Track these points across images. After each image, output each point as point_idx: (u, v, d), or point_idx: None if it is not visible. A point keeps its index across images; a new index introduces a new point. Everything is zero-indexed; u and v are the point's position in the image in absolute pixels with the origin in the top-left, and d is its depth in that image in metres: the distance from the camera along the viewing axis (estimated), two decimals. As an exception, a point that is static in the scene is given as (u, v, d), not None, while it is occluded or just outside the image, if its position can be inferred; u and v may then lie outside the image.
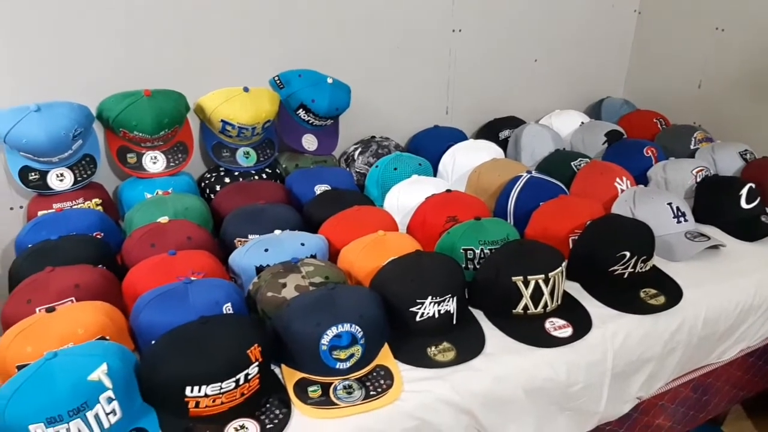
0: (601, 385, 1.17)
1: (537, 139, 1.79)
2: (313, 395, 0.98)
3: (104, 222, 1.35)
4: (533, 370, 1.09)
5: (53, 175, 1.40)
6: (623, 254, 1.22)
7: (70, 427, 0.84)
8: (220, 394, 0.90)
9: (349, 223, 1.33)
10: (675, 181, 1.59)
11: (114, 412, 0.88)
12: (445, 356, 1.07)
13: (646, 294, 1.24)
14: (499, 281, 1.14)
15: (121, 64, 1.47)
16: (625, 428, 1.31)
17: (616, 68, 2.28)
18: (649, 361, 1.22)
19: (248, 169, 1.61)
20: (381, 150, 1.75)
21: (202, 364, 0.90)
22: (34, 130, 1.32)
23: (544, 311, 1.16)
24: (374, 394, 0.98)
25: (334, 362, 1.00)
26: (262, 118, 1.56)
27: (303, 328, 0.99)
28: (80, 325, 0.98)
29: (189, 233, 1.26)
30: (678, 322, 1.23)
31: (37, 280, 1.10)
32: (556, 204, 1.38)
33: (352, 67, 1.75)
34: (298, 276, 1.11)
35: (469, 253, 1.24)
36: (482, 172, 1.60)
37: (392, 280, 1.12)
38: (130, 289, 1.12)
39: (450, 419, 1.02)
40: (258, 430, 0.91)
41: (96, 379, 0.87)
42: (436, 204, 1.41)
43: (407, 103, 1.91)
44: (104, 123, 1.47)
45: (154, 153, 1.50)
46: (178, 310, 1.00)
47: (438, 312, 1.09)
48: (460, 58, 1.93)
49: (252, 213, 1.35)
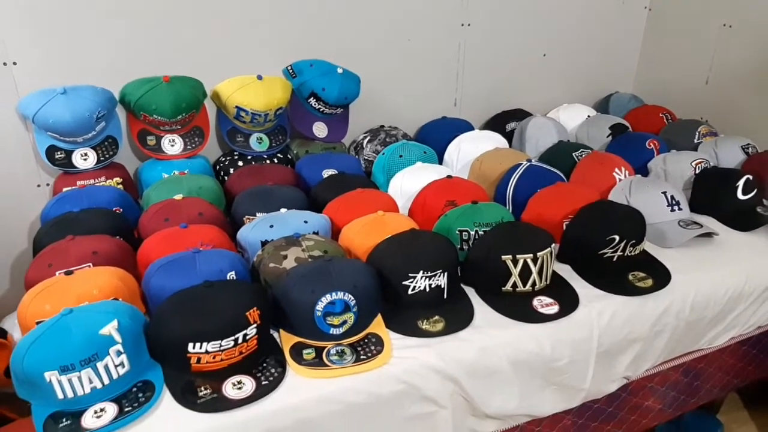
0: (587, 362, 1.21)
1: (542, 131, 1.84)
2: (307, 357, 1.05)
3: (123, 198, 1.44)
4: (519, 343, 1.14)
5: (78, 155, 1.50)
6: (612, 237, 1.26)
7: (81, 375, 0.92)
8: (219, 352, 0.98)
9: (351, 204, 1.40)
10: (674, 173, 1.62)
11: (122, 364, 0.96)
12: (434, 327, 1.13)
13: (635, 277, 1.28)
14: (489, 259, 1.20)
15: (142, 52, 1.56)
16: (613, 407, 1.35)
17: (625, 64, 2.30)
18: (636, 341, 1.26)
19: (261, 153, 1.69)
20: (389, 139, 1.82)
21: (204, 322, 0.97)
22: (60, 111, 1.42)
23: (533, 289, 1.21)
24: (364, 358, 1.05)
25: (327, 327, 1.07)
26: (275, 105, 1.63)
27: (299, 296, 1.06)
28: (95, 286, 1.06)
29: (201, 209, 1.34)
30: (665, 305, 1.26)
31: (58, 246, 1.19)
32: (552, 191, 1.43)
33: (363, 59, 1.81)
34: (299, 249, 1.18)
35: (464, 234, 1.30)
36: (484, 160, 1.65)
37: (387, 255, 1.18)
38: (143, 258, 1.20)
39: (436, 385, 1.07)
40: (254, 385, 0.98)
41: (107, 333, 0.95)
42: (436, 188, 1.46)
43: (416, 94, 1.97)
44: (126, 107, 1.56)
45: (173, 136, 1.59)
46: (185, 275, 1.08)
47: (429, 286, 1.15)
48: (469, 51, 1.98)
49: (261, 193, 1.43)
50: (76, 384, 0.92)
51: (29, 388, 0.93)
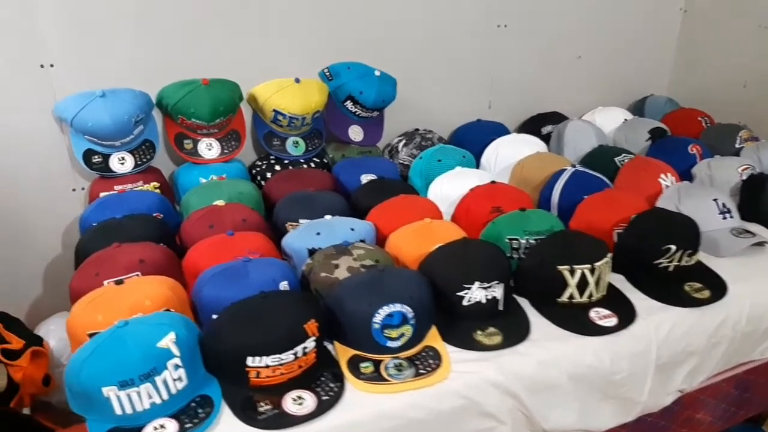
0: (645, 375, 1.18)
1: (580, 135, 1.81)
2: (365, 371, 1.02)
3: (163, 204, 1.42)
4: (577, 356, 1.11)
5: (115, 159, 1.47)
6: (669, 247, 1.23)
7: (140, 391, 0.89)
8: (279, 365, 0.95)
9: (396, 211, 1.37)
10: (720, 179, 1.58)
11: (180, 378, 0.93)
12: (491, 340, 1.10)
13: (691, 288, 1.25)
14: (545, 270, 1.17)
15: (179, 55, 1.53)
16: (666, 420, 1.32)
17: (660, 66, 2.27)
18: (693, 354, 1.23)
19: (297, 157, 1.66)
20: (425, 142, 1.79)
21: (263, 335, 0.94)
22: (99, 114, 1.39)
23: (589, 301, 1.18)
24: (423, 372, 1.02)
25: (385, 340, 1.04)
26: (312, 109, 1.61)
27: (356, 307, 1.04)
28: (147, 297, 1.03)
29: (244, 216, 1.31)
30: (722, 317, 1.23)
31: (104, 254, 1.16)
32: (601, 197, 1.40)
33: (397, 61, 1.78)
34: (350, 258, 1.15)
35: (514, 243, 1.27)
36: (526, 165, 1.62)
37: (440, 265, 1.15)
38: (190, 266, 1.18)
39: (496, 400, 1.05)
40: (315, 401, 0.95)
41: (165, 346, 0.92)
42: (481, 194, 1.43)
43: (450, 97, 1.94)
44: (163, 110, 1.53)
45: (210, 140, 1.56)
46: (238, 285, 1.05)
47: (485, 297, 1.12)
48: (504, 53, 1.95)
49: (303, 199, 1.40)
50: (135, 399, 0.89)
51: (85, 402, 0.91)
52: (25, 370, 1.39)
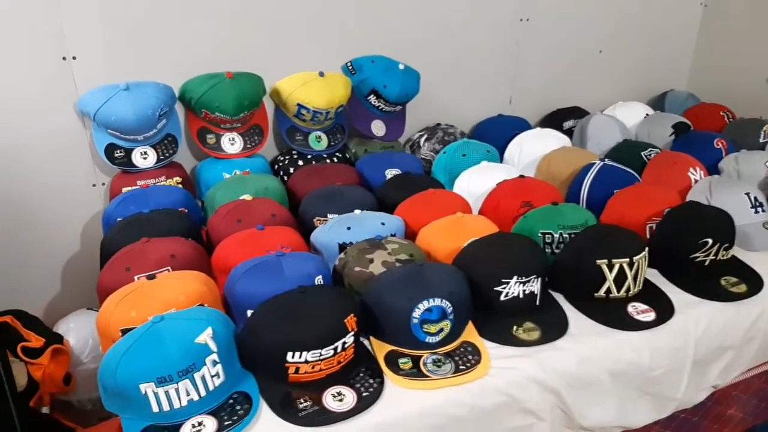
0: (682, 371, 1.16)
1: (604, 130, 1.79)
2: (404, 367, 1.00)
3: (188, 199, 1.40)
4: (618, 352, 1.09)
5: (137, 153, 1.45)
6: (705, 241, 1.21)
7: (179, 387, 0.87)
8: (319, 361, 0.93)
9: (425, 205, 1.35)
10: (748, 173, 1.56)
11: (218, 375, 0.91)
12: (530, 335, 1.08)
13: (727, 282, 1.23)
14: (582, 264, 1.15)
15: (203, 48, 1.51)
16: (698, 417, 1.30)
17: (681, 61, 2.25)
18: (729, 349, 1.21)
19: (320, 152, 1.64)
20: (447, 137, 1.77)
21: (303, 330, 0.92)
22: (123, 108, 1.37)
23: (627, 295, 1.16)
24: (464, 368, 1.00)
25: (424, 336, 1.02)
26: (336, 103, 1.59)
27: (395, 302, 1.02)
28: (181, 292, 1.01)
29: (273, 210, 1.29)
30: (758, 311, 1.21)
31: (134, 249, 1.14)
32: (632, 191, 1.38)
33: (418, 55, 1.76)
34: (384, 252, 1.13)
35: (547, 237, 1.25)
36: (552, 160, 1.60)
37: (477, 259, 1.13)
38: (220, 262, 1.16)
39: (537, 396, 1.03)
40: (355, 397, 0.93)
41: (203, 342, 0.90)
42: (510, 189, 1.41)
43: (471, 92, 1.92)
44: (186, 104, 1.51)
45: (232, 134, 1.54)
46: (273, 280, 1.03)
47: (523, 292, 1.10)
48: (526, 48, 1.93)
49: (330, 194, 1.38)
50: (173, 396, 0.87)
51: (121, 400, 0.89)
52: (45, 368, 1.37)
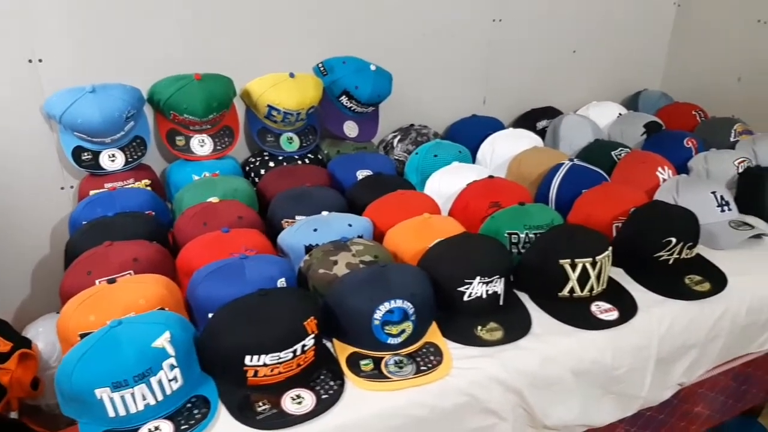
0: (645, 369, 1.17)
1: (576, 130, 1.80)
2: (365, 368, 1.00)
3: (155, 201, 1.39)
4: (580, 351, 1.09)
5: (105, 156, 1.44)
6: (669, 240, 1.22)
7: (134, 392, 0.87)
8: (278, 364, 0.93)
9: (394, 207, 1.35)
10: (717, 172, 1.58)
11: (176, 379, 0.91)
12: (492, 335, 1.08)
13: (691, 280, 1.24)
14: (546, 264, 1.16)
15: (171, 49, 1.50)
16: (664, 414, 1.31)
17: (655, 61, 2.27)
18: (693, 347, 1.22)
19: (291, 154, 1.64)
20: (420, 138, 1.77)
21: (262, 334, 0.92)
22: (89, 110, 1.36)
23: (590, 294, 1.17)
24: (425, 369, 1.00)
25: (385, 337, 1.02)
26: (307, 104, 1.58)
27: (356, 303, 1.02)
28: (141, 296, 1.01)
29: (239, 213, 1.29)
30: (722, 309, 1.22)
31: (96, 253, 1.13)
32: (599, 191, 1.39)
33: (391, 56, 1.76)
34: (349, 254, 1.13)
35: (513, 237, 1.25)
36: (523, 160, 1.61)
37: (441, 260, 1.13)
38: (184, 265, 1.15)
39: (499, 396, 1.03)
40: (314, 400, 0.93)
41: (160, 346, 0.90)
42: (479, 189, 1.42)
43: (445, 92, 1.93)
44: (154, 106, 1.50)
45: (202, 136, 1.53)
46: (235, 283, 1.03)
47: (486, 292, 1.11)
48: (499, 48, 1.94)
49: (299, 195, 1.38)
50: (129, 401, 0.87)
51: (77, 405, 0.88)
52: (12, 373, 1.35)
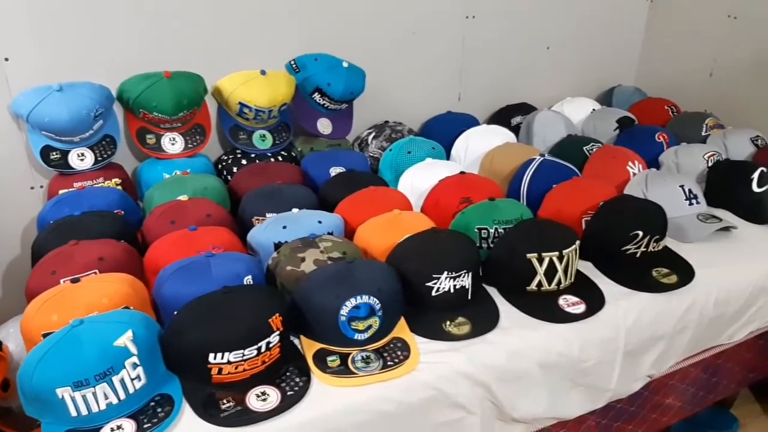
0: (613, 362, 1.18)
1: (549, 125, 1.81)
2: (332, 365, 1.00)
3: (124, 200, 1.38)
4: (547, 345, 1.10)
5: (74, 155, 1.43)
6: (636, 233, 1.24)
7: (96, 391, 0.86)
8: (242, 361, 0.93)
9: (365, 203, 1.35)
10: (687, 166, 1.60)
11: (139, 377, 0.90)
12: (460, 330, 1.09)
13: (659, 273, 1.25)
14: (514, 258, 1.16)
15: (140, 47, 1.49)
16: (635, 406, 1.33)
17: (628, 56, 2.28)
18: (661, 339, 1.23)
19: (264, 151, 1.63)
20: (394, 134, 1.77)
21: (225, 331, 0.92)
22: (56, 109, 1.35)
23: (558, 288, 1.17)
24: (392, 364, 1.00)
25: (352, 333, 1.02)
26: (279, 101, 1.58)
27: (323, 300, 1.02)
28: (105, 294, 1.00)
29: (208, 211, 1.28)
30: (689, 302, 1.24)
31: (61, 252, 1.12)
32: (568, 186, 1.40)
33: (365, 53, 1.76)
34: (317, 251, 1.13)
35: (483, 233, 1.26)
36: (495, 156, 1.61)
37: (409, 256, 1.14)
38: (151, 263, 1.15)
39: (466, 390, 1.03)
40: (279, 397, 0.93)
41: (122, 344, 0.89)
42: (450, 185, 1.42)
43: (420, 89, 1.93)
44: (124, 104, 1.49)
45: (173, 134, 1.52)
46: (200, 281, 1.02)
47: (453, 287, 1.11)
48: (473, 45, 1.94)
49: (269, 193, 1.37)
50: (90, 400, 0.86)
51: (39, 405, 0.87)
52: (-17, 374, 1.34)
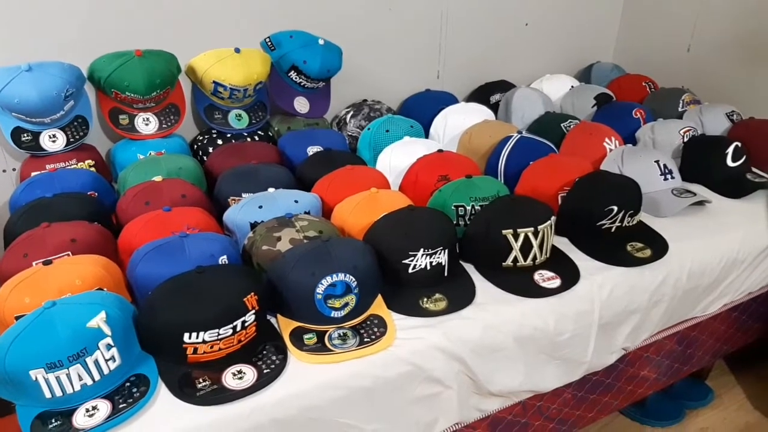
0: (588, 335, 1.20)
1: (527, 102, 1.81)
2: (308, 342, 1.00)
3: (98, 182, 1.36)
4: (522, 319, 1.12)
5: (46, 137, 1.40)
6: (611, 208, 1.25)
7: (70, 372, 0.86)
8: (217, 341, 0.93)
9: (342, 182, 1.34)
10: (663, 141, 1.61)
11: (113, 358, 0.90)
12: (436, 306, 1.09)
13: (633, 247, 1.27)
14: (489, 234, 1.17)
15: (109, 24, 1.46)
16: (611, 378, 1.35)
17: (606, 33, 2.28)
18: (635, 312, 1.25)
19: (240, 131, 1.61)
20: (373, 113, 1.76)
21: (199, 311, 0.92)
22: (25, 89, 1.32)
23: (534, 264, 1.18)
24: (368, 341, 1.01)
25: (329, 311, 1.02)
26: (254, 80, 1.56)
27: (299, 278, 1.02)
28: (78, 276, 0.99)
29: (183, 191, 1.27)
30: (663, 275, 1.25)
31: (33, 235, 1.11)
32: (545, 162, 1.40)
33: (343, 30, 1.74)
34: (293, 230, 1.12)
35: (460, 210, 1.26)
36: (473, 134, 1.61)
37: (385, 234, 1.14)
38: (125, 245, 1.14)
39: (442, 365, 1.05)
40: (255, 375, 0.93)
41: (95, 326, 0.89)
42: (427, 163, 1.42)
43: (399, 67, 1.91)
44: (96, 84, 1.46)
45: (147, 114, 1.50)
46: (174, 262, 1.01)
47: (430, 264, 1.12)
48: (451, 22, 1.93)
49: (245, 172, 1.36)
50: (64, 381, 0.86)
51: (13, 388, 0.87)
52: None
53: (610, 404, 1.40)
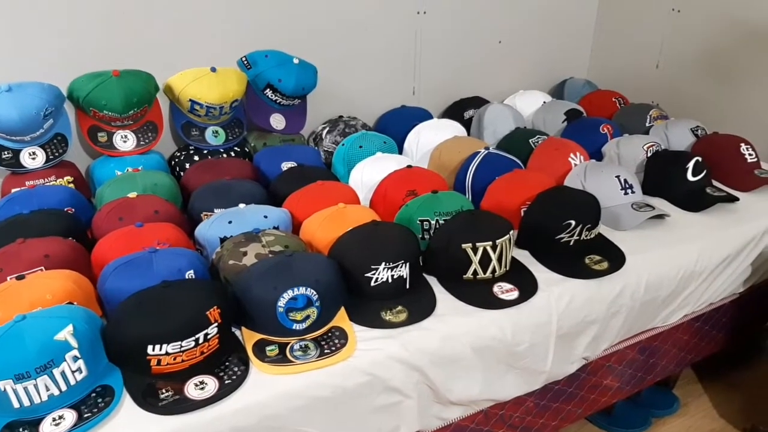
0: (547, 345, 1.24)
1: (499, 118, 1.86)
2: (270, 354, 1.04)
3: (75, 198, 1.40)
4: (480, 329, 1.16)
5: (26, 154, 1.44)
6: (569, 222, 1.29)
7: (37, 383, 0.90)
8: (180, 353, 0.96)
9: (312, 197, 1.39)
10: (627, 156, 1.66)
11: (80, 370, 0.94)
12: (397, 317, 1.13)
13: (591, 260, 1.31)
14: (450, 248, 1.21)
15: (90, 46, 1.51)
16: (573, 387, 1.39)
17: (580, 49, 2.34)
18: (593, 323, 1.29)
19: (217, 147, 1.66)
20: (348, 129, 1.81)
21: (162, 324, 0.95)
22: (5, 109, 1.37)
23: (493, 276, 1.23)
24: (329, 352, 1.05)
25: (290, 323, 1.06)
26: (230, 98, 1.61)
27: (261, 292, 1.06)
28: (49, 291, 1.03)
29: (156, 207, 1.31)
30: (621, 286, 1.30)
31: (8, 250, 1.15)
32: (509, 178, 1.45)
33: (319, 48, 1.79)
34: (259, 245, 1.16)
35: (425, 224, 1.31)
36: (443, 150, 1.66)
37: (348, 248, 1.18)
38: (98, 259, 1.17)
39: (401, 375, 1.08)
40: (217, 385, 0.97)
41: (62, 338, 0.92)
42: (397, 179, 1.46)
43: (374, 84, 1.97)
44: (75, 103, 1.51)
45: (125, 132, 1.54)
46: (142, 276, 1.05)
47: (391, 277, 1.16)
48: (425, 40, 1.98)
49: (218, 188, 1.40)
50: (32, 392, 0.90)
51: (-19, 398, 0.90)
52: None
53: (574, 412, 1.44)
